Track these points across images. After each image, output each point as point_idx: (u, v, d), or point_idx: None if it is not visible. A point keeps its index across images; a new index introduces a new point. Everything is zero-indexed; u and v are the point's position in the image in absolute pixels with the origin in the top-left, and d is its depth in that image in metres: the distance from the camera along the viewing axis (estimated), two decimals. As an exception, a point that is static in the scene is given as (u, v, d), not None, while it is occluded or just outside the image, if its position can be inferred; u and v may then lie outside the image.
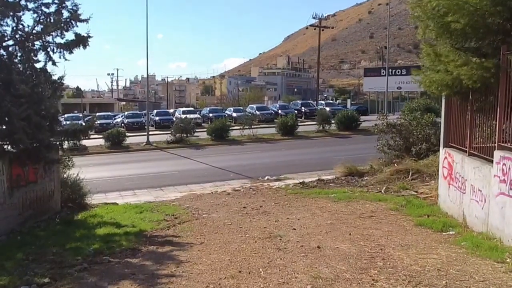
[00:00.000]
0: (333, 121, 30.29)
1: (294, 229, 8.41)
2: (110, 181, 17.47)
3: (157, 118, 37.45)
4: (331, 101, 46.78)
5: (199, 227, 9.19)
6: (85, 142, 27.08)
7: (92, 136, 32.75)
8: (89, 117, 33.28)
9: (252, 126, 28.99)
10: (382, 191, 12.04)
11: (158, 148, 26.03)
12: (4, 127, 9.24)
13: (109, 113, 49.71)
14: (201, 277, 6.05)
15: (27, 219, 10.12)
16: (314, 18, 46.41)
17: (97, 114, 38.49)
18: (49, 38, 10.98)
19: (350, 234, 7.79)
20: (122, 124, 37.43)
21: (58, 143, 11.03)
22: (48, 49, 11.09)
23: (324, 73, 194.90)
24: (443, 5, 7.22)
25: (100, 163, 22.36)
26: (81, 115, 31.12)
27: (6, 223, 9.42)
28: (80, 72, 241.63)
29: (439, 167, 10.17)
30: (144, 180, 17.41)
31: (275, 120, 40.68)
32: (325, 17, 47.63)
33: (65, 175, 12.34)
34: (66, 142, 11.34)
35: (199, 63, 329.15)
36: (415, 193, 11.47)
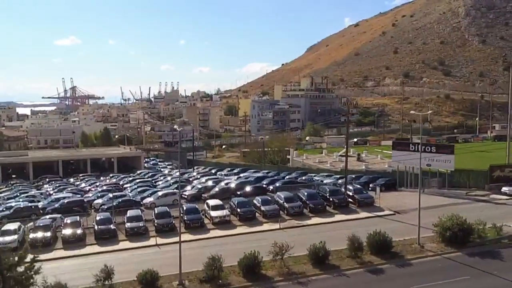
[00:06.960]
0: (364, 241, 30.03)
1: None
2: None
3: (185, 217, 37.68)
4: (359, 187, 46.64)
5: None
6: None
7: (123, 245, 33.50)
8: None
9: (280, 223, 28.48)
10: None
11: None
12: None
13: (139, 211, 41.69)
14: None
15: None
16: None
17: (127, 215, 38.83)
18: None
19: None
20: (152, 224, 37.93)
21: None
22: None
23: (348, 91, 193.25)
24: None
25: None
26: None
27: None
28: (106, 80, 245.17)
29: None
30: None
31: (304, 211, 40.42)
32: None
33: None
34: None
35: (221, 67, 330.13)
36: None
